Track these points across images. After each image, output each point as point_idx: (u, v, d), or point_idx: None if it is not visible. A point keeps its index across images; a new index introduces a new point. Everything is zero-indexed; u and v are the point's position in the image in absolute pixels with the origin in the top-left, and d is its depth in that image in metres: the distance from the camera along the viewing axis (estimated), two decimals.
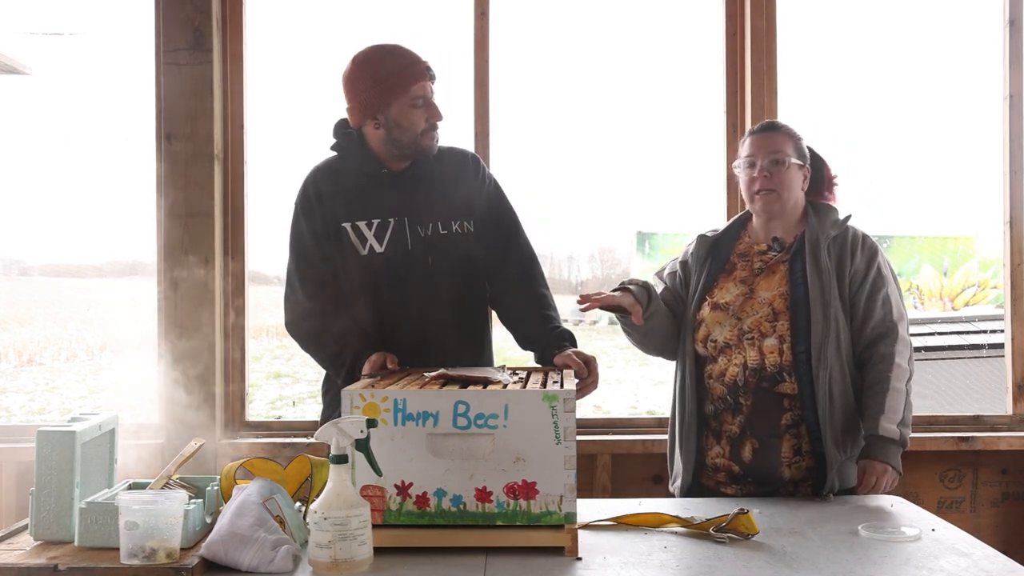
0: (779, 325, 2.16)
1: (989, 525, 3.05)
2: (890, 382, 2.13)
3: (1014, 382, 3.14)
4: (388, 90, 2.17)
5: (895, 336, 2.17)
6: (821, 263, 2.18)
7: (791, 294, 2.18)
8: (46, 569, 1.52)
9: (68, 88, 3.78)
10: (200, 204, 2.97)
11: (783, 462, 2.16)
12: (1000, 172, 3.18)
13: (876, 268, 2.21)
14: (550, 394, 1.64)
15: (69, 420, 1.78)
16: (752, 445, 2.17)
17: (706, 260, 2.32)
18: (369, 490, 1.64)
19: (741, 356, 2.18)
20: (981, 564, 1.60)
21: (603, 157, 5.07)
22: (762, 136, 2.27)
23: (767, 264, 2.24)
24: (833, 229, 2.23)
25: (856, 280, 2.20)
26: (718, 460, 2.22)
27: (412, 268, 2.22)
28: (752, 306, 2.20)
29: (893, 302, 2.20)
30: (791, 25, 3.13)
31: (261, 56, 3.20)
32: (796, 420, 2.15)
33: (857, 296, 2.19)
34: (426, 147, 2.21)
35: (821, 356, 2.13)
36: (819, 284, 2.16)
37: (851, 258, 2.20)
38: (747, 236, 2.33)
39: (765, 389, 2.16)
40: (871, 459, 2.12)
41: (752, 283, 2.23)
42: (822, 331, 2.13)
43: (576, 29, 3.87)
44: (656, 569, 1.57)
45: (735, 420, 2.19)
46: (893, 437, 2.11)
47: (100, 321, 9.82)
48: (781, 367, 2.15)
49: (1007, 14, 3.15)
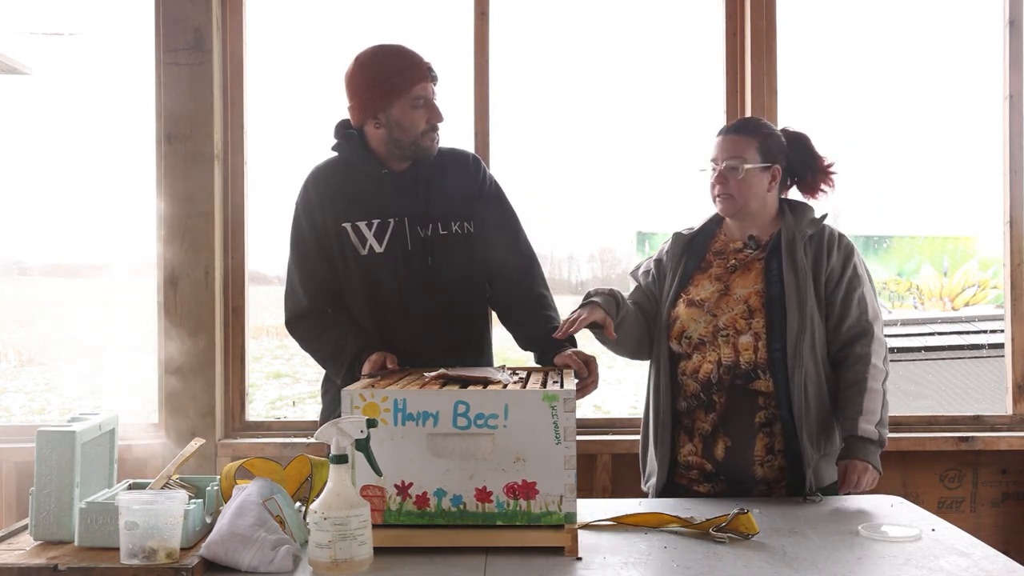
0: (754, 322, 2.16)
1: (989, 525, 3.05)
2: (867, 383, 2.13)
3: (1014, 382, 3.14)
4: (389, 90, 2.17)
5: (871, 336, 2.17)
6: (797, 261, 2.17)
7: (767, 292, 2.17)
8: (46, 569, 1.52)
9: (68, 88, 3.78)
10: (200, 204, 2.98)
11: (756, 460, 2.15)
12: (1000, 172, 3.18)
13: (852, 268, 2.21)
14: (550, 394, 1.64)
15: (69, 420, 1.78)
16: (725, 443, 2.16)
17: (681, 258, 2.32)
18: (369, 490, 1.64)
19: (716, 353, 2.18)
20: (981, 564, 1.60)
21: (603, 157, 5.07)
22: (725, 139, 2.26)
23: (742, 262, 2.24)
24: (809, 228, 2.23)
25: (832, 279, 2.19)
26: (691, 458, 2.21)
27: (412, 268, 2.23)
28: (728, 303, 2.20)
29: (868, 302, 2.20)
30: (791, 25, 3.14)
31: (261, 56, 3.20)
32: (770, 418, 2.15)
33: (833, 295, 2.19)
34: (426, 148, 2.22)
35: (797, 354, 2.12)
36: (795, 282, 2.15)
37: (827, 257, 2.20)
38: (723, 234, 2.32)
39: (739, 387, 2.16)
40: (852, 459, 2.11)
41: (727, 280, 2.23)
42: (798, 329, 2.13)
43: (576, 29, 3.87)
44: (656, 569, 1.57)
45: (708, 418, 2.18)
46: (872, 437, 2.10)
47: (100, 321, 9.81)
48: (756, 364, 2.15)
49: (1007, 14, 3.15)
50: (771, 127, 2.31)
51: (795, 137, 2.31)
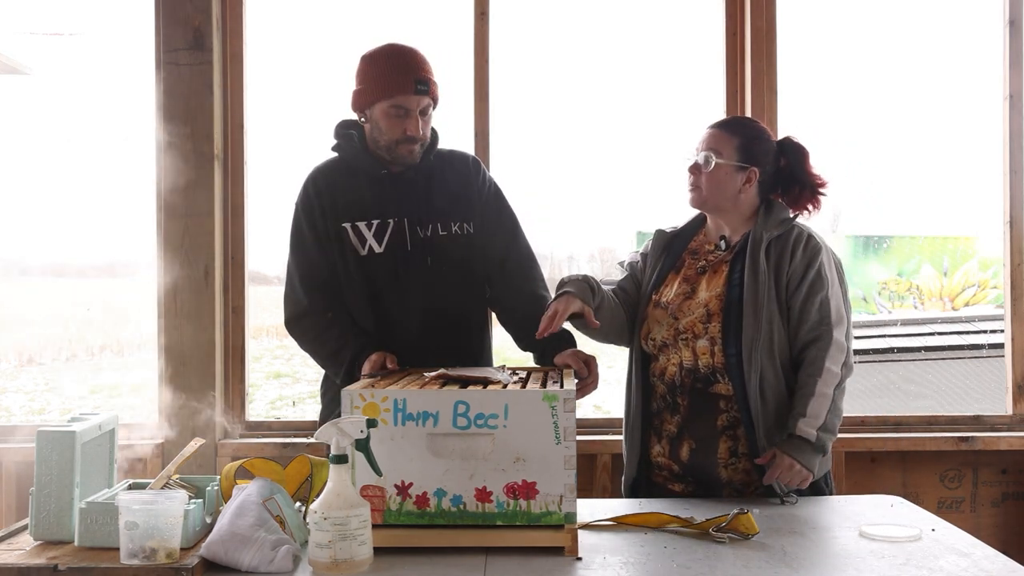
0: (711, 327, 2.15)
1: (989, 525, 3.05)
2: (816, 387, 2.09)
3: (1014, 382, 3.14)
4: (372, 91, 2.19)
5: (828, 340, 2.11)
6: (758, 264, 2.14)
7: (727, 295, 2.15)
8: (46, 569, 1.52)
9: (68, 88, 3.78)
10: (200, 204, 2.98)
11: (719, 463, 2.14)
12: (1000, 172, 3.18)
13: (816, 270, 2.14)
14: (550, 394, 1.64)
15: (69, 420, 1.78)
16: (689, 445, 2.16)
17: (660, 256, 2.32)
18: (369, 490, 1.64)
19: (677, 356, 2.18)
20: (981, 564, 1.60)
21: (603, 157, 5.06)
22: (708, 132, 2.24)
23: (711, 264, 2.23)
24: (776, 229, 2.18)
25: (793, 282, 2.15)
26: (660, 459, 2.22)
27: (411, 268, 2.23)
28: (689, 307, 2.19)
29: (832, 305, 2.14)
30: (791, 25, 3.13)
31: (261, 56, 3.20)
32: (733, 422, 2.14)
33: (793, 299, 2.15)
34: (402, 155, 2.22)
35: (752, 359, 2.10)
36: (754, 286, 2.12)
37: (790, 259, 2.15)
38: (703, 234, 2.31)
39: (700, 390, 2.15)
40: (782, 452, 2.07)
41: (695, 282, 2.22)
42: (752, 334, 2.10)
43: (576, 29, 3.87)
44: (656, 569, 1.57)
45: (673, 419, 2.19)
46: (809, 439, 2.07)
47: (100, 321, 9.80)
48: (714, 368, 2.14)
49: (1007, 14, 3.15)
50: (761, 131, 2.27)
51: (795, 148, 2.26)
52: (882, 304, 6.83)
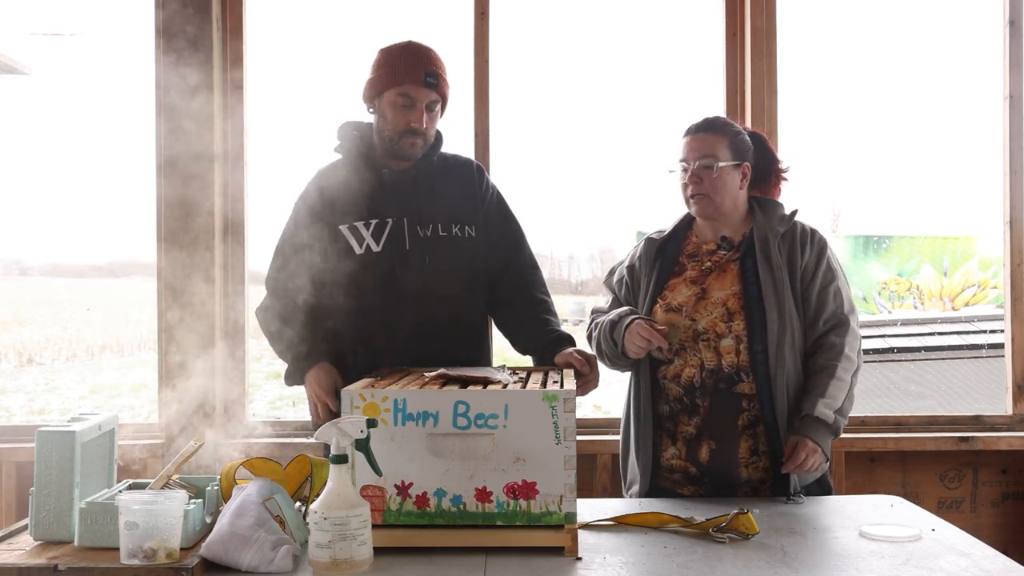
0: (735, 325, 2.15)
1: (989, 525, 3.05)
2: (836, 370, 2.12)
3: (1014, 382, 3.14)
4: (383, 78, 2.22)
5: (847, 327, 2.17)
6: (772, 260, 2.17)
7: (744, 293, 2.16)
8: (46, 569, 1.52)
9: (68, 88, 3.79)
10: (200, 204, 2.98)
11: (740, 462, 2.14)
12: (1000, 172, 3.18)
13: (826, 262, 2.21)
14: (550, 394, 1.64)
15: (69, 420, 1.78)
16: (709, 446, 2.16)
17: (655, 262, 2.30)
18: (369, 490, 1.64)
19: (697, 358, 2.17)
20: (981, 564, 1.60)
21: (603, 157, 5.07)
22: (694, 138, 2.24)
23: (717, 264, 2.23)
24: (781, 225, 2.22)
25: (807, 274, 2.19)
26: (674, 462, 2.20)
27: (409, 268, 2.22)
28: (706, 307, 2.18)
29: (844, 295, 2.20)
30: (791, 25, 3.13)
31: (261, 57, 3.20)
32: (753, 420, 2.14)
33: (809, 290, 2.19)
34: (404, 148, 2.23)
35: (779, 354, 2.12)
36: (772, 281, 2.15)
37: (801, 253, 2.19)
38: (694, 236, 2.31)
39: (723, 390, 2.15)
40: (803, 436, 2.09)
41: (703, 283, 2.22)
42: (779, 330, 2.12)
43: (576, 29, 3.87)
44: (656, 569, 1.57)
45: (691, 421, 2.17)
46: (827, 421, 2.09)
47: (100, 321, 9.81)
48: (739, 367, 2.14)
49: (1007, 14, 3.15)
50: (737, 126, 2.29)
51: (759, 137, 2.31)
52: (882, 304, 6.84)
